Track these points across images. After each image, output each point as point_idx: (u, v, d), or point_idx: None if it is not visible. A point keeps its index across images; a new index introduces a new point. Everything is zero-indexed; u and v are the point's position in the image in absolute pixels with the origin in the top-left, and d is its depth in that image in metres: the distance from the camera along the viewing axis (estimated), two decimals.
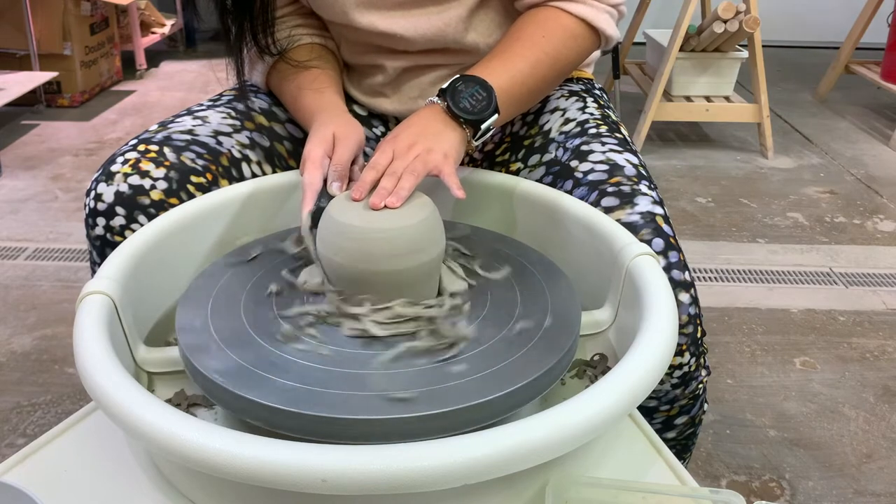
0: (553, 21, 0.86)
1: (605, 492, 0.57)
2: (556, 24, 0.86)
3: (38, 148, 2.67)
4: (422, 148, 0.75)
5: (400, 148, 0.75)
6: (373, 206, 0.68)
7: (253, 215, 0.87)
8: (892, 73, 3.03)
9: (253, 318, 0.68)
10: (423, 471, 0.48)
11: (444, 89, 0.79)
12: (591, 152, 0.90)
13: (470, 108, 0.78)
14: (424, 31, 0.90)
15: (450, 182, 0.73)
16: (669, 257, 0.78)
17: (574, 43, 0.87)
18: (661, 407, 0.85)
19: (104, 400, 0.54)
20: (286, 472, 0.48)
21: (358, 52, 0.97)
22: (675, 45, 2.60)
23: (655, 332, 0.61)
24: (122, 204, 0.82)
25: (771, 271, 1.95)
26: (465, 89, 0.78)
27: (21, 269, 1.88)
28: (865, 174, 2.60)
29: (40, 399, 1.42)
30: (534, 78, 0.84)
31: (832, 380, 1.54)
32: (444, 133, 0.78)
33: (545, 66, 0.85)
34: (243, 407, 0.58)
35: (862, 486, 1.27)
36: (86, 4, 3.04)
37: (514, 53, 0.83)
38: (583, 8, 0.86)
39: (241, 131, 0.94)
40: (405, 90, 0.97)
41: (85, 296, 0.65)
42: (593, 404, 0.54)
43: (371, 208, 0.68)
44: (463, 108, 0.78)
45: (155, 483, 0.61)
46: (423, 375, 0.61)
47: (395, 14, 0.89)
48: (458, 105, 0.78)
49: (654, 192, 0.85)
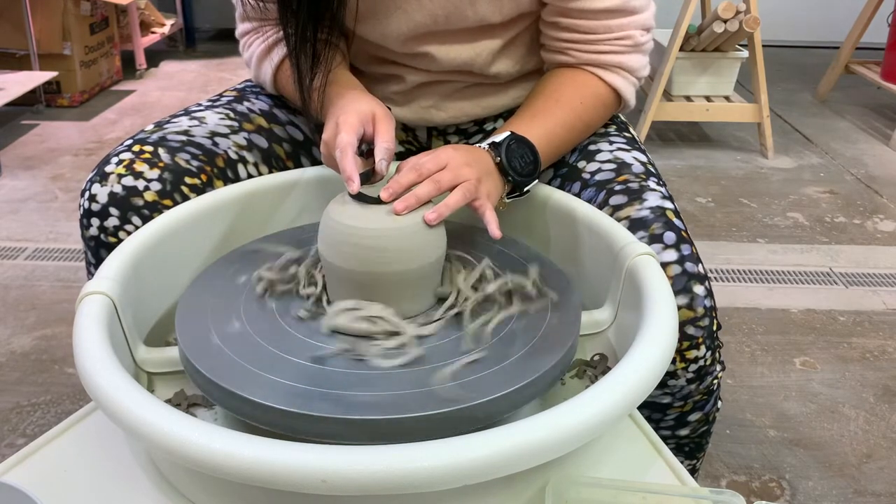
0: (590, 88, 0.88)
1: (605, 492, 0.57)
2: (592, 91, 0.88)
3: (37, 148, 2.67)
4: (475, 174, 0.74)
5: (454, 161, 0.73)
6: (396, 212, 0.67)
7: (253, 215, 0.87)
8: (892, 73, 3.03)
9: (252, 318, 0.68)
10: (423, 471, 0.48)
11: (497, 143, 0.79)
12: (598, 151, 0.90)
13: (520, 170, 0.79)
14: (454, 57, 0.90)
15: (489, 219, 0.72)
16: (682, 250, 0.78)
17: (604, 111, 0.91)
18: (675, 403, 0.84)
19: (104, 400, 0.54)
20: (286, 472, 0.48)
21: (375, 63, 0.96)
22: (675, 44, 2.60)
23: (656, 331, 0.61)
24: (115, 205, 0.82)
25: (771, 271, 1.95)
26: (517, 149, 0.80)
27: (21, 269, 1.88)
28: (865, 174, 2.60)
29: (40, 399, 1.42)
30: (566, 142, 0.88)
31: (832, 380, 1.54)
32: (495, 176, 0.78)
33: (577, 132, 0.88)
34: (243, 407, 0.58)
35: (862, 486, 1.27)
36: (86, 4, 3.04)
37: (552, 115, 0.85)
38: (618, 79, 0.89)
39: (238, 132, 0.93)
40: (420, 101, 0.97)
41: (84, 296, 0.65)
42: (593, 404, 0.53)
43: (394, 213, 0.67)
44: (514, 167, 0.79)
45: (155, 483, 0.61)
46: (422, 376, 0.60)
47: (431, 40, 0.89)
48: (511, 163, 0.79)
49: (662, 187, 0.85)
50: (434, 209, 0.68)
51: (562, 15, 0.87)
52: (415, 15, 0.86)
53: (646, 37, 0.88)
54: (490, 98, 0.97)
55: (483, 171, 0.76)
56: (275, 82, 0.95)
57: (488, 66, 0.92)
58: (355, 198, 0.69)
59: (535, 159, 0.81)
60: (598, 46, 0.87)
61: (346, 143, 0.72)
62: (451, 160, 0.73)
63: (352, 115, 0.76)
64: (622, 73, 0.89)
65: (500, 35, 0.90)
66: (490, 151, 0.79)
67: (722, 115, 2.74)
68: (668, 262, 0.77)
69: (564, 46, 0.88)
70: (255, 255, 0.77)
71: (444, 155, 0.73)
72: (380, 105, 0.79)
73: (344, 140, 0.72)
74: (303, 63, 0.82)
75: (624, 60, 0.88)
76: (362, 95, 0.82)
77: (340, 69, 0.89)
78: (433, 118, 0.97)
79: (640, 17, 0.87)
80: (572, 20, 0.86)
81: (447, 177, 0.71)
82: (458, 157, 0.74)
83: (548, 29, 0.90)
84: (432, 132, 1.01)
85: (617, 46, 0.87)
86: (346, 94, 0.82)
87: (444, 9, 0.85)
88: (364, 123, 0.76)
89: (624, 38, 0.87)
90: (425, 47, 0.89)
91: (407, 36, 0.88)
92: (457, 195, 0.70)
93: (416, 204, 0.68)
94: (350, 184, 0.69)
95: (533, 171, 0.81)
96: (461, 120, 0.98)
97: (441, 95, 0.96)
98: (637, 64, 0.89)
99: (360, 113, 0.76)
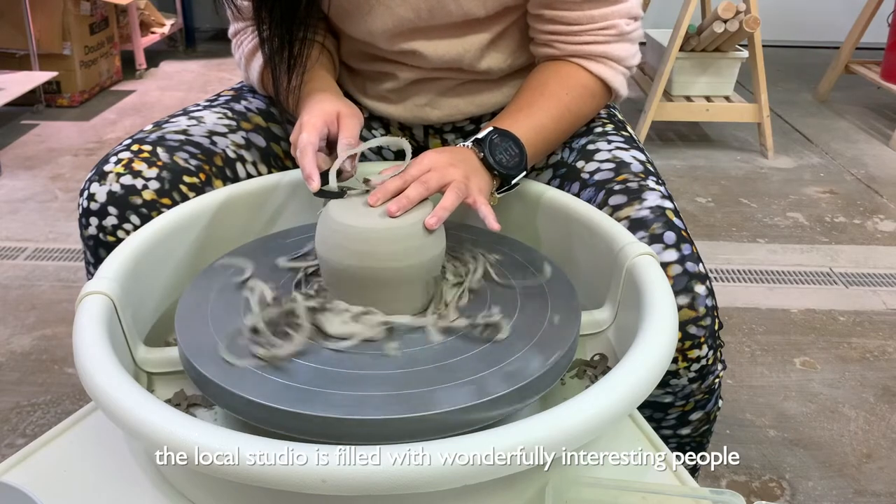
0: (574, 79, 0.88)
1: (605, 492, 0.57)
2: (577, 81, 0.88)
3: (37, 148, 2.67)
4: (461, 173, 0.74)
5: (439, 163, 0.74)
6: (389, 214, 0.67)
7: (252, 215, 0.87)
8: (892, 73, 3.03)
9: (252, 318, 0.67)
10: (423, 471, 0.48)
11: (479, 140, 0.79)
12: (597, 151, 0.90)
13: (505, 163, 0.79)
14: (442, 54, 0.90)
15: (486, 213, 0.72)
16: (682, 249, 0.78)
17: (592, 101, 0.90)
18: (677, 402, 0.84)
19: (104, 400, 0.54)
20: (286, 472, 0.48)
21: (367, 61, 0.97)
22: (675, 44, 2.60)
23: (655, 331, 0.61)
24: (114, 204, 0.82)
25: (771, 271, 1.95)
26: (500, 143, 0.79)
27: (21, 269, 1.88)
28: (865, 174, 2.60)
29: (40, 399, 1.42)
30: (555, 133, 0.87)
31: (832, 380, 1.54)
32: (481, 172, 0.78)
33: (566, 122, 0.88)
34: (243, 407, 0.58)
35: (862, 486, 1.27)
36: (85, 4, 3.04)
37: (539, 108, 0.85)
38: (604, 69, 0.88)
39: (236, 132, 0.93)
40: (414, 99, 0.97)
41: (84, 296, 0.65)
42: (593, 404, 0.53)
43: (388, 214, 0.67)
44: (499, 161, 0.79)
45: (155, 483, 0.60)
46: (422, 376, 0.60)
47: (417, 35, 0.89)
48: (494, 157, 0.78)
49: (662, 187, 0.85)
50: (432, 214, 0.68)
51: (545, 7, 0.87)
52: (397, 10, 0.86)
53: (632, 25, 0.88)
54: (483, 95, 0.97)
55: (469, 169, 0.76)
56: (261, 82, 0.95)
57: (478, 62, 0.92)
58: (318, 195, 0.70)
59: (521, 151, 0.80)
60: (582, 37, 0.87)
61: (305, 143, 0.74)
62: (434, 163, 0.73)
63: (316, 115, 0.77)
64: (608, 62, 0.88)
65: (487, 30, 0.90)
66: (473, 148, 0.79)
67: (722, 115, 2.74)
68: (669, 261, 0.77)
69: (549, 39, 0.88)
70: (255, 255, 0.77)
71: (426, 160, 0.74)
72: (346, 104, 0.81)
73: (304, 140, 0.74)
74: (278, 64, 0.83)
75: (609, 50, 0.87)
76: (329, 96, 0.83)
77: (317, 69, 0.89)
78: (428, 116, 0.97)
79: (625, 6, 0.86)
80: (556, 11, 0.86)
81: (434, 177, 0.71)
82: (442, 158, 0.74)
83: (533, 22, 0.90)
84: (429, 131, 1.01)
85: (601, 36, 0.87)
86: (315, 95, 0.83)
87: (427, 2, 0.85)
88: (329, 123, 0.77)
89: (608, 27, 0.86)
90: (412, 44, 0.89)
91: (392, 32, 0.88)
92: (450, 196, 0.70)
93: (409, 205, 0.68)
94: (310, 182, 0.71)
95: (519, 163, 0.80)
96: (456, 118, 0.98)
97: (434, 93, 0.96)
98: (624, 53, 0.88)
99: (325, 113, 0.78)
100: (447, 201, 0.70)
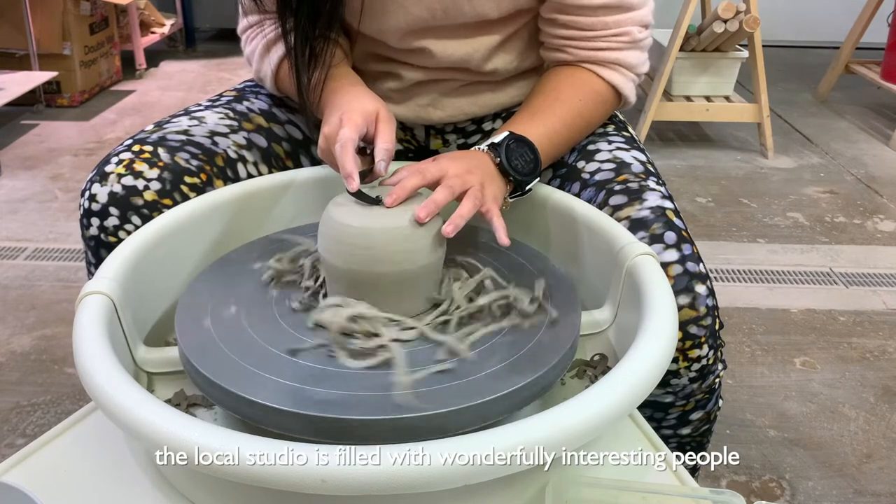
0: (587, 85, 0.88)
1: (605, 492, 0.57)
2: (590, 87, 0.88)
3: (37, 148, 2.67)
4: (478, 180, 0.74)
5: (457, 168, 0.73)
6: (418, 220, 0.66)
7: (252, 215, 0.87)
8: (892, 73, 3.03)
9: (252, 318, 0.68)
10: (423, 471, 0.48)
11: (496, 144, 0.79)
12: (597, 151, 0.90)
13: (521, 169, 0.79)
14: (451, 53, 0.90)
15: (498, 226, 0.71)
16: (683, 250, 0.78)
17: (603, 107, 0.90)
18: (678, 402, 0.84)
19: (104, 400, 0.54)
20: (286, 472, 0.48)
21: (373, 60, 0.96)
22: (675, 44, 2.60)
23: (655, 331, 0.61)
24: (115, 204, 0.82)
25: (771, 271, 1.95)
26: (516, 148, 0.79)
27: (20, 269, 1.88)
28: (865, 174, 2.60)
29: (40, 399, 1.42)
30: (567, 139, 0.87)
31: (832, 380, 1.54)
32: (496, 178, 0.78)
33: (577, 129, 0.88)
34: (242, 407, 0.58)
35: (862, 486, 1.27)
36: (85, 4, 3.04)
37: (552, 114, 0.85)
38: (616, 76, 0.88)
39: (238, 132, 0.93)
40: (417, 98, 0.96)
41: (84, 296, 0.65)
42: (593, 404, 0.53)
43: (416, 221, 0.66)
44: (515, 167, 0.79)
45: (155, 483, 0.61)
46: (421, 376, 0.60)
47: (428, 34, 0.89)
48: (511, 163, 0.78)
49: (662, 187, 0.85)
50: (450, 221, 0.68)
51: (559, 11, 0.87)
52: (413, 9, 0.86)
53: (644, 33, 0.88)
54: (487, 96, 0.97)
55: (485, 175, 0.76)
56: (275, 79, 0.94)
57: (485, 63, 0.92)
58: (354, 196, 0.68)
59: (536, 157, 0.81)
60: (596, 43, 0.87)
61: (346, 139, 0.71)
62: (451, 167, 0.73)
63: (356, 112, 0.75)
64: (620, 69, 0.89)
65: (498, 31, 0.90)
66: (489, 153, 0.79)
67: (722, 115, 2.74)
68: (670, 261, 0.77)
69: (562, 44, 0.89)
70: (255, 255, 0.77)
71: (444, 162, 0.73)
72: (383, 105, 0.79)
73: (346, 135, 0.72)
74: (301, 60, 0.82)
75: (622, 57, 0.88)
76: (366, 93, 0.82)
77: (342, 65, 0.89)
78: (431, 116, 0.97)
79: (638, 14, 0.87)
80: (570, 17, 0.86)
81: (458, 182, 0.71)
82: (460, 164, 0.74)
83: (546, 26, 0.90)
84: (430, 131, 1.01)
85: (614, 43, 0.87)
86: (350, 91, 0.82)
87: (443, 3, 0.85)
88: (368, 123, 0.76)
89: (621, 34, 0.86)
90: (422, 42, 0.89)
91: (405, 31, 0.88)
92: (468, 204, 0.70)
93: (437, 210, 0.68)
94: (350, 181, 0.68)
95: (534, 169, 0.80)
96: (459, 118, 0.98)
97: (438, 93, 0.96)
98: (635, 60, 0.89)
99: (365, 111, 0.76)
100: (464, 209, 0.70)
